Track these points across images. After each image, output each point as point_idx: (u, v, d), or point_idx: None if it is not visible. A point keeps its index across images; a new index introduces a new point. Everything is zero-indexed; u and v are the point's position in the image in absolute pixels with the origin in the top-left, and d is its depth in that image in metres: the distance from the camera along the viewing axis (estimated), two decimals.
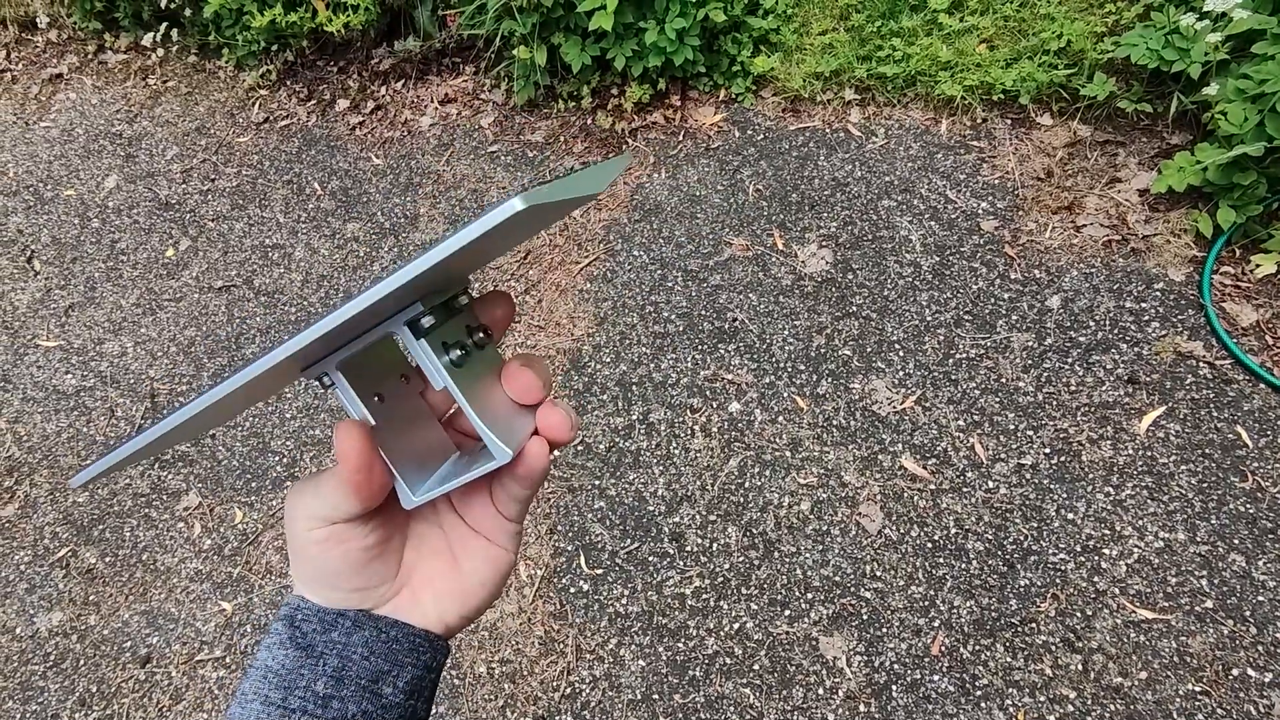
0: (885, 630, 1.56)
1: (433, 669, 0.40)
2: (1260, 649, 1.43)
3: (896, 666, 1.52)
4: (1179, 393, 1.72)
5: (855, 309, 1.99)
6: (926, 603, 1.58)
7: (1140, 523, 1.59)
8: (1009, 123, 2.22)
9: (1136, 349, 1.79)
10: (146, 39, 3.04)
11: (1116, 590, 1.53)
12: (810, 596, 1.62)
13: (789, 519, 1.72)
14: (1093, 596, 1.53)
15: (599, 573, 1.73)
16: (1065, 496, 1.64)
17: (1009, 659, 1.49)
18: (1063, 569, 1.57)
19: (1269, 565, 1.50)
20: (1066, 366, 1.80)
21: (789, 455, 1.80)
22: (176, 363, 2.27)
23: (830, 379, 1.89)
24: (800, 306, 2.02)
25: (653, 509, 1.79)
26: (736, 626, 1.61)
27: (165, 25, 3.00)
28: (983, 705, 1.46)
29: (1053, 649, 1.49)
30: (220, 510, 1.98)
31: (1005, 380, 1.81)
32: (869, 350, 1.91)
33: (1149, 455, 1.66)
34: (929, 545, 1.64)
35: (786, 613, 1.61)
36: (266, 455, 2.04)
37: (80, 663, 1.82)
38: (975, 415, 1.78)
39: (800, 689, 1.53)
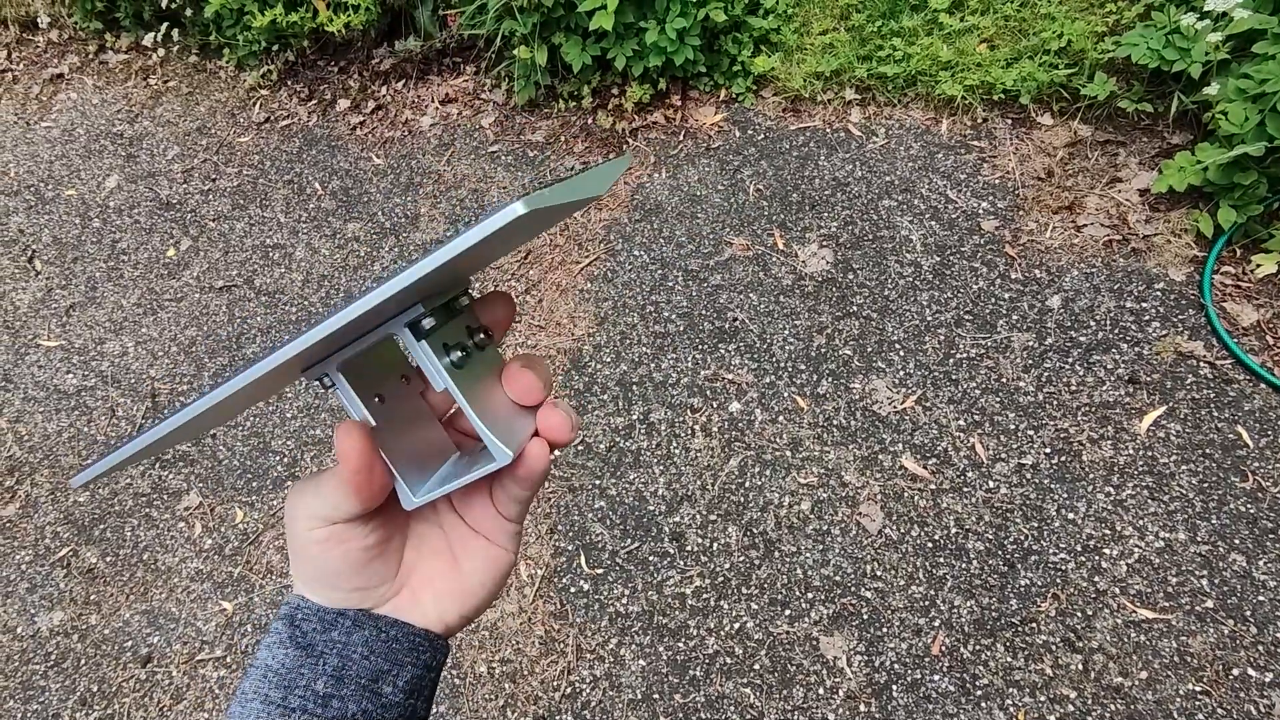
0: (886, 630, 1.56)
1: (432, 668, 0.40)
2: (1261, 649, 1.43)
3: (897, 666, 1.52)
4: (1180, 393, 1.72)
5: (856, 309, 1.99)
6: (927, 602, 1.58)
7: (1141, 523, 1.59)
8: (1009, 122, 2.21)
9: (1137, 349, 1.79)
10: (147, 39, 3.05)
11: (1117, 590, 1.53)
12: (811, 596, 1.62)
13: (789, 519, 1.72)
14: (1093, 596, 1.53)
15: (599, 572, 1.73)
16: (1066, 496, 1.64)
17: (1009, 659, 1.49)
18: (1063, 569, 1.57)
19: (1269, 565, 1.50)
20: (1067, 366, 1.80)
21: (789, 455, 1.80)
22: (177, 362, 2.28)
23: (831, 379, 1.89)
24: (801, 306, 2.02)
25: (653, 509, 1.79)
26: (737, 626, 1.61)
27: (166, 25, 3.00)
28: (983, 705, 1.46)
29: (1053, 649, 1.49)
30: (221, 510, 1.98)
31: (1006, 380, 1.81)
32: (869, 350, 1.91)
33: (1149, 455, 1.66)
34: (929, 545, 1.64)
35: (787, 612, 1.61)
36: (267, 455, 2.04)
37: (81, 662, 1.82)
38: (976, 415, 1.78)
39: (801, 689, 1.53)
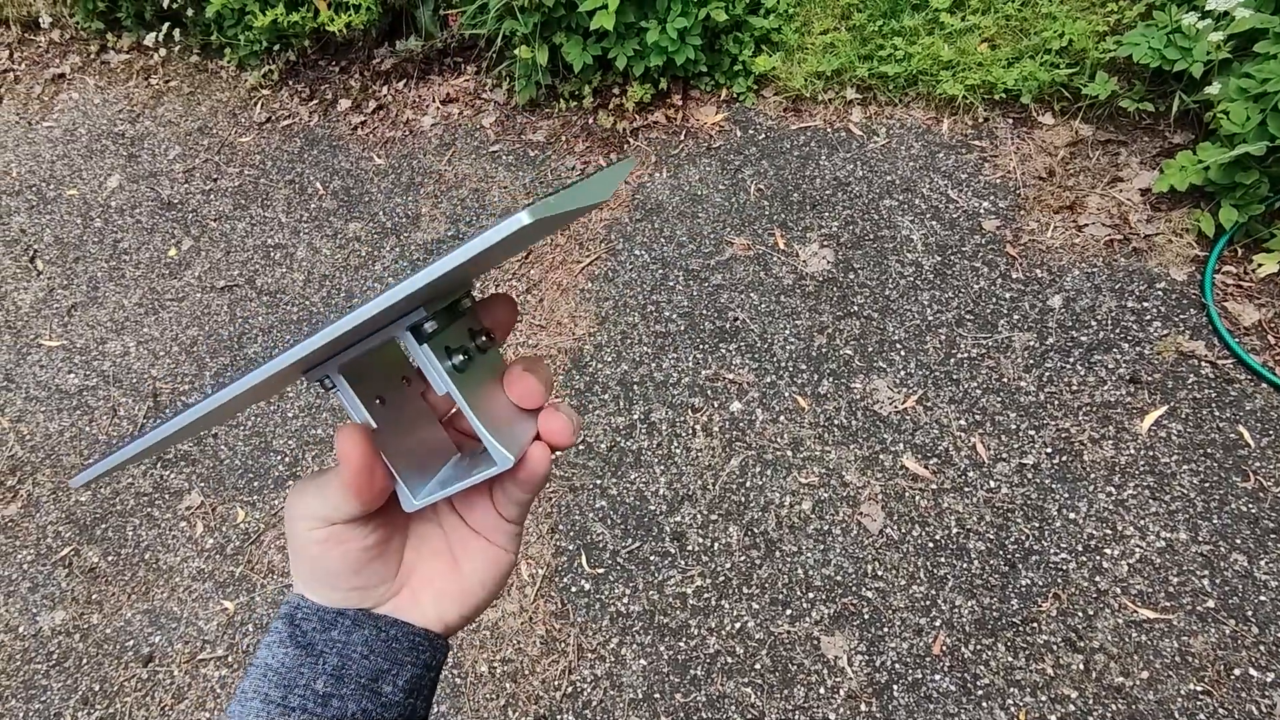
0: (887, 630, 1.56)
1: (432, 668, 0.40)
2: (1262, 649, 1.43)
3: (898, 666, 1.52)
4: (1181, 392, 1.72)
5: (857, 308, 1.98)
6: (928, 602, 1.58)
7: (1142, 522, 1.59)
8: (1010, 122, 2.21)
9: (1138, 348, 1.79)
10: (149, 39, 3.05)
11: (1118, 590, 1.53)
12: (811, 596, 1.62)
13: (790, 518, 1.72)
14: (1094, 596, 1.53)
15: (600, 572, 1.73)
16: (1067, 496, 1.64)
17: (1010, 658, 1.49)
18: (1064, 569, 1.57)
19: (1271, 565, 1.50)
20: (1068, 366, 1.80)
21: (790, 455, 1.80)
22: (179, 362, 2.28)
23: (831, 378, 1.89)
24: (801, 306, 2.02)
25: (654, 508, 1.79)
26: (738, 626, 1.61)
27: (167, 25, 3.00)
28: (984, 705, 1.46)
29: (1054, 649, 1.49)
30: (222, 509, 1.98)
31: (1007, 380, 1.81)
32: (870, 350, 1.91)
33: (1151, 455, 1.66)
34: (930, 545, 1.64)
35: (788, 612, 1.61)
36: (268, 455, 2.05)
37: (83, 661, 1.82)
38: (977, 415, 1.78)
39: (802, 688, 1.53)
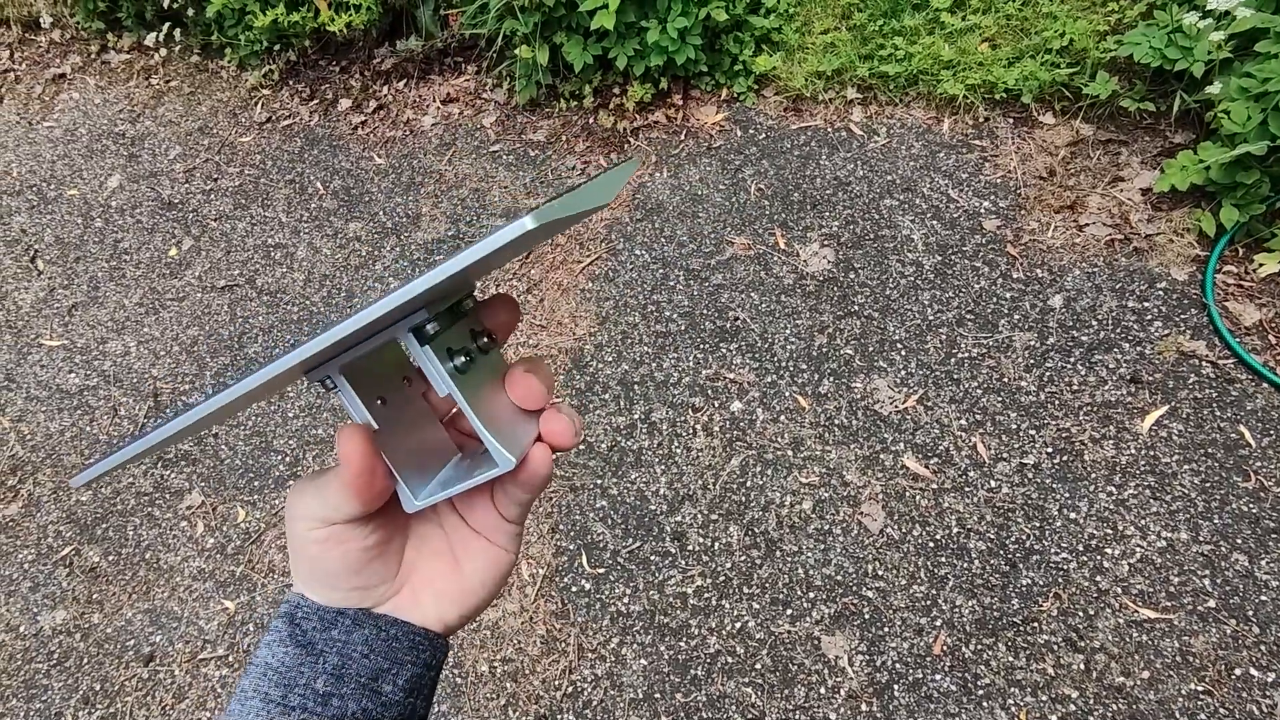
0: (887, 630, 1.56)
1: (432, 667, 0.40)
2: (1263, 649, 1.42)
3: (898, 666, 1.52)
4: (1182, 392, 1.72)
5: (857, 308, 1.98)
6: (929, 602, 1.58)
7: (1143, 522, 1.59)
8: (1011, 122, 2.21)
9: (1139, 348, 1.79)
10: (149, 39, 3.05)
11: (1119, 590, 1.53)
12: (812, 596, 1.62)
13: (791, 518, 1.72)
14: (1095, 596, 1.53)
15: (601, 572, 1.73)
16: (1067, 496, 1.64)
17: (1011, 658, 1.49)
18: (1065, 568, 1.56)
19: (1272, 565, 1.50)
20: (1069, 366, 1.80)
21: (791, 454, 1.80)
22: (179, 362, 2.28)
23: (832, 378, 1.89)
24: (802, 305, 2.02)
25: (654, 508, 1.79)
26: (738, 625, 1.61)
27: (168, 25, 3.01)
28: (985, 705, 1.46)
29: (1055, 648, 1.49)
30: (223, 509, 1.98)
31: (1007, 379, 1.81)
32: (871, 349, 1.91)
33: (1151, 455, 1.66)
34: (931, 544, 1.64)
35: (788, 612, 1.61)
36: (269, 454, 2.05)
37: (84, 661, 1.82)
38: (977, 414, 1.77)
39: (802, 688, 1.53)
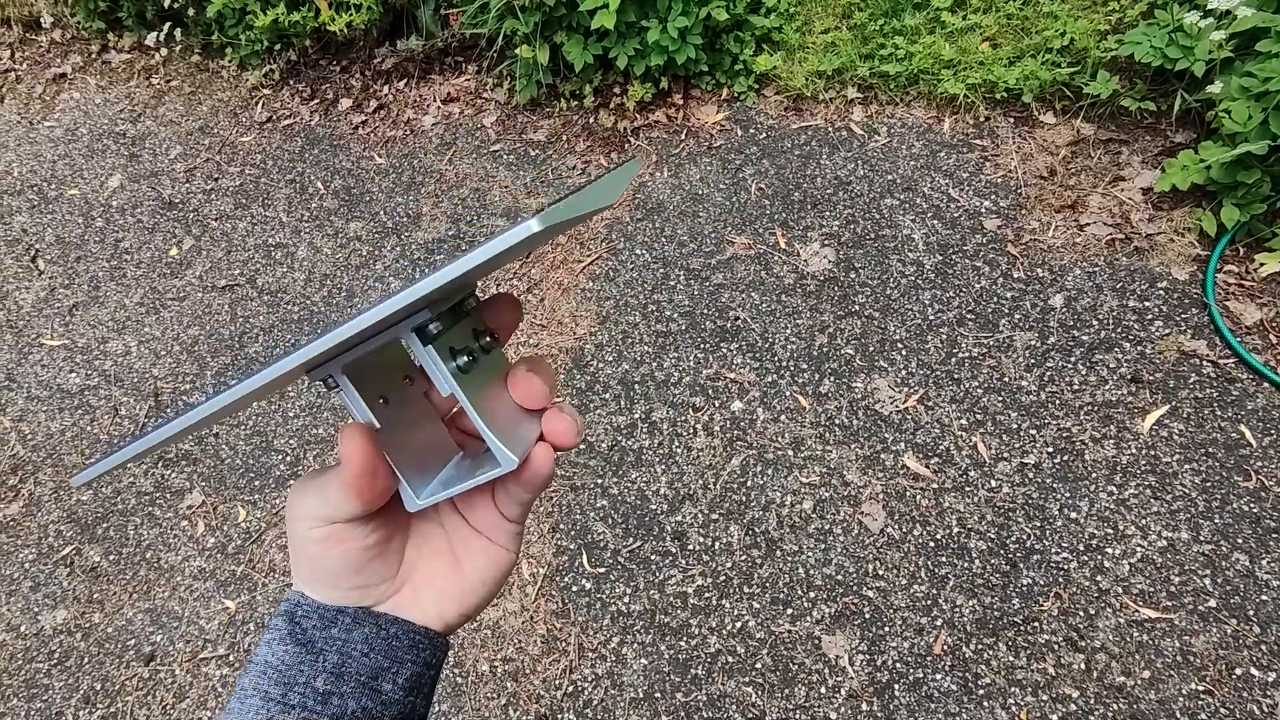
0: (888, 629, 1.56)
1: (432, 666, 0.40)
2: (1264, 648, 1.42)
3: (899, 665, 1.52)
4: (1182, 392, 1.72)
5: (858, 308, 1.98)
6: (929, 602, 1.58)
7: (1143, 522, 1.59)
8: (1012, 121, 2.21)
9: (1140, 348, 1.79)
10: (150, 39, 3.05)
11: (1119, 589, 1.52)
12: (812, 595, 1.62)
13: (791, 518, 1.72)
14: (1095, 596, 1.53)
15: (601, 571, 1.73)
16: (1068, 495, 1.64)
17: (1012, 658, 1.49)
18: (1065, 568, 1.56)
19: (1273, 564, 1.50)
20: (1069, 365, 1.80)
21: (791, 454, 1.80)
22: (180, 361, 2.28)
23: (833, 378, 1.89)
24: (803, 305, 2.01)
25: (655, 508, 1.79)
26: (739, 625, 1.61)
27: (169, 25, 3.01)
28: (985, 704, 1.46)
29: (1055, 648, 1.49)
30: (224, 508, 1.98)
31: (1008, 379, 1.81)
32: (871, 349, 1.91)
33: (1152, 454, 1.66)
34: (931, 544, 1.64)
35: (789, 611, 1.61)
36: (270, 454, 2.05)
37: (85, 660, 1.82)
38: (978, 414, 1.77)
39: (803, 688, 1.53)
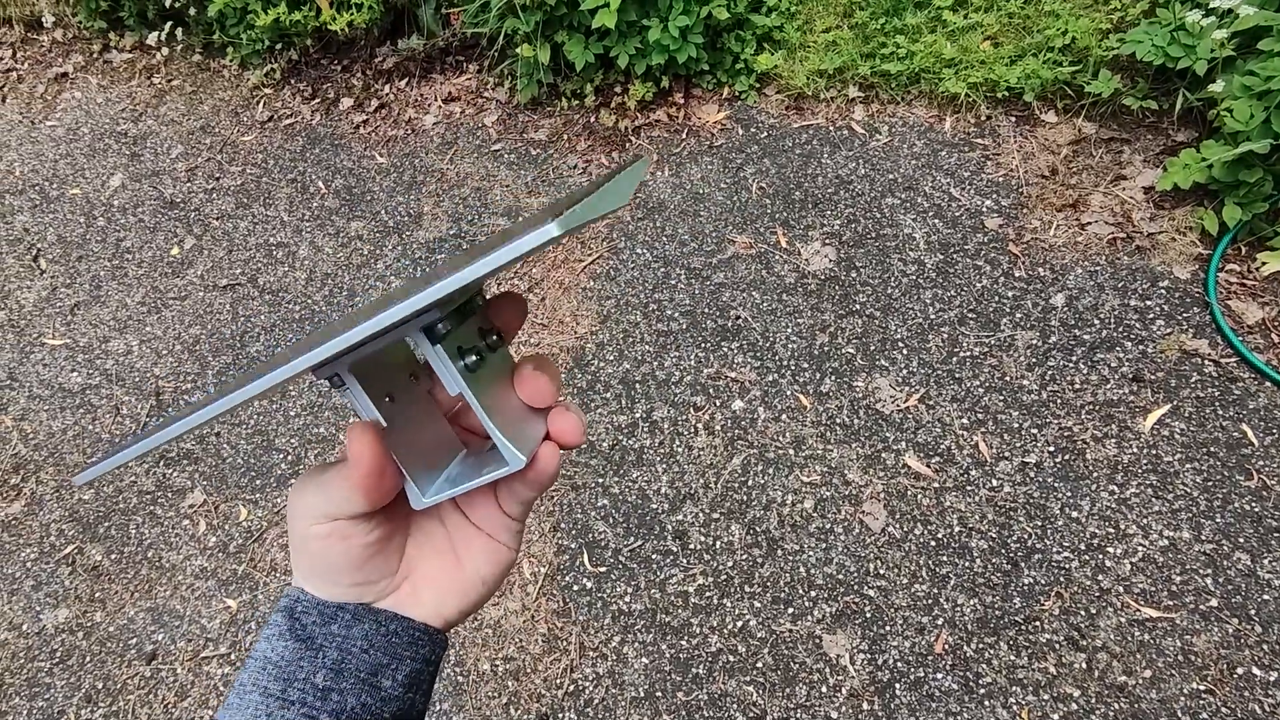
0: (889, 628, 1.56)
1: (431, 662, 0.40)
2: (1265, 647, 1.42)
3: (900, 664, 1.52)
4: (1184, 391, 1.71)
5: (859, 307, 1.98)
6: (930, 601, 1.57)
7: (1145, 521, 1.58)
8: (1013, 120, 2.21)
9: (1141, 347, 1.79)
10: (151, 38, 3.05)
11: (1121, 589, 1.52)
12: (813, 594, 1.62)
13: (792, 517, 1.72)
14: (1097, 595, 1.52)
15: (602, 570, 1.73)
16: (1069, 495, 1.64)
17: (1013, 657, 1.49)
18: (1067, 567, 1.56)
19: (1274, 564, 1.50)
20: (1071, 365, 1.80)
21: (792, 453, 1.80)
22: (181, 361, 2.28)
23: (834, 377, 1.89)
24: (804, 304, 2.01)
25: (656, 507, 1.78)
26: (740, 624, 1.61)
27: (170, 24, 3.01)
28: (986, 703, 1.45)
29: (1056, 647, 1.48)
30: (225, 508, 1.99)
31: (1009, 378, 1.81)
32: (872, 348, 1.91)
33: (1153, 453, 1.65)
34: (932, 543, 1.64)
35: (790, 610, 1.61)
36: (271, 453, 2.05)
37: (86, 659, 1.82)
38: (979, 413, 1.77)
39: (803, 687, 1.53)
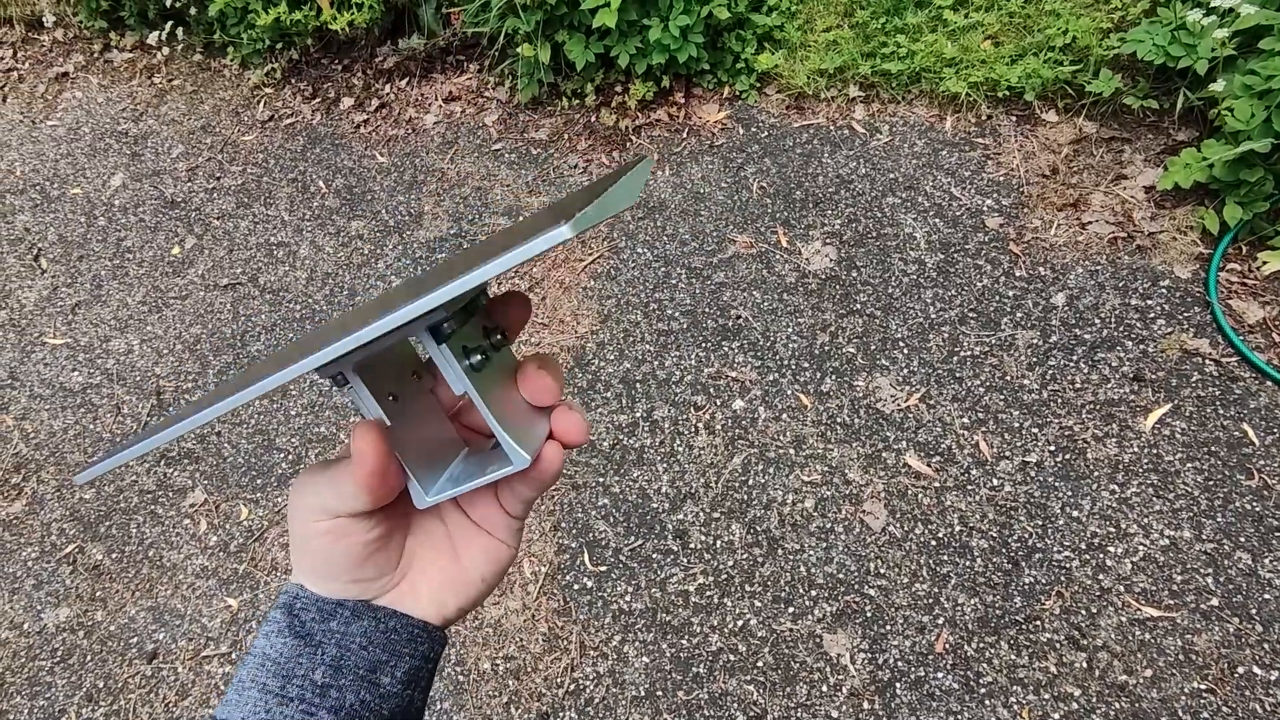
0: (889, 628, 1.56)
1: (430, 659, 0.40)
2: (1266, 647, 1.42)
3: (900, 664, 1.52)
4: (1185, 390, 1.71)
5: (859, 306, 1.98)
6: (931, 600, 1.57)
7: (1145, 520, 1.58)
8: (1014, 119, 2.21)
9: (1142, 346, 1.79)
10: (152, 38, 3.05)
11: (1121, 588, 1.52)
12: (814, 594, 1.62)
13: (793, 516, 1.72)
14: (1098, 594, 1.52)
15: (603, 570, 1.73)
16: (1070, 494, 1.64)
17: (1013, 656, 1.49)
18: (1067, 566, 1.56)
19: (1275, 563, 1.49)
20: (1071, 364, 1.79)
21: (793, 453, 1.80)
22: (182, 360, 2.28)
23: (834, 376, 1.89)
24: (804, 304, 2.01)
25: (656, 506, 1.78)
26: (740, 623, 1.61)
27: (171, 24, 3.01)
28: (987, 703, 1.45)
29: (1057, 647, 1.48)
30: (226, 507, 1.99)
31: (1010, 378, 1.80)
32: (873, 348, 1.91)
33: (1154, 453, 1.65)
34: (933, 543, 1.63)
35: (790, 610, 1.61)
36: (272, 452, 2.05)
37: (87, 658, 1.83)
38: (980, 413, 1.77)
39: (804, 686, 1.53)
